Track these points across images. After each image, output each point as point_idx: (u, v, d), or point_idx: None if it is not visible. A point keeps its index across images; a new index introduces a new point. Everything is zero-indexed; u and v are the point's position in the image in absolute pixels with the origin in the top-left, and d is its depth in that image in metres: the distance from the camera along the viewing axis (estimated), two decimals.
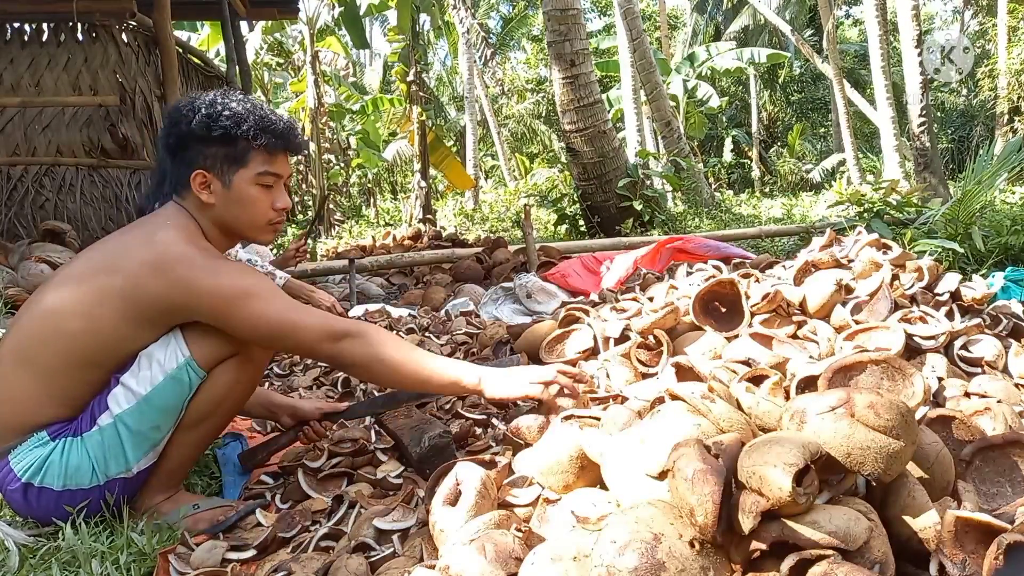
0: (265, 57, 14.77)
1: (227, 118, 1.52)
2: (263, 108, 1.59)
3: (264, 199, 1.60)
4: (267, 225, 1.63)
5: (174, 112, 1.57)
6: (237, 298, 1.47)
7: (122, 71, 5.23)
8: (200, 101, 1.55)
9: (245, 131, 1.53)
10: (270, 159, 1.59)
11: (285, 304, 1.51)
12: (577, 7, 8.24)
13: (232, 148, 1.55)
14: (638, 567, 0.87)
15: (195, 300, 1.46)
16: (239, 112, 1.54)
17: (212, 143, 1.54)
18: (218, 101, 1.55)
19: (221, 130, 1.52)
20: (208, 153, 1.54)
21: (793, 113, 23.80)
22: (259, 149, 1.56)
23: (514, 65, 26.42)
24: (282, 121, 1.60)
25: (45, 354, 1.46)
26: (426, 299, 4.50)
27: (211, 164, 1.55)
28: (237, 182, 1.56)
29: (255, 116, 1.55)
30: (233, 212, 1.59)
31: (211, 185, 1.56)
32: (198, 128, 1.52)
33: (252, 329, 1.49)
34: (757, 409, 1.25)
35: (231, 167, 1.56)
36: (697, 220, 9.51)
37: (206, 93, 1.59)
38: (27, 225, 5.06)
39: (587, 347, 2.16)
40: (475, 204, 15.95)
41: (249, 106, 1.56)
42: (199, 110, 1.53)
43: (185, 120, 1.53)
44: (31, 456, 1.46)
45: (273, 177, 1.60)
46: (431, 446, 1.70)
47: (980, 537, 0.97)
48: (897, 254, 2.29)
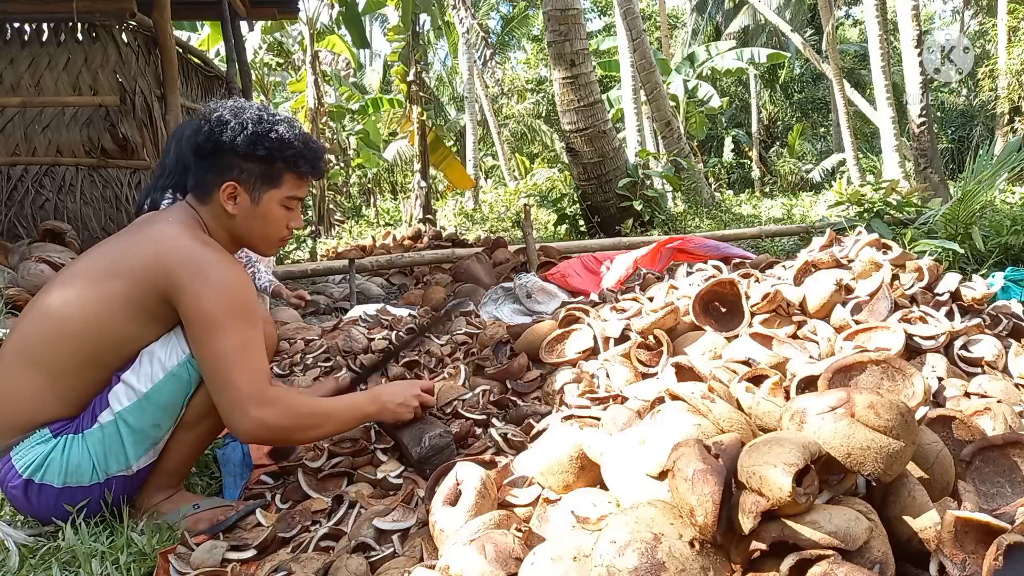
0: (265, 57, 14.77)
1: (273, 140, 1.55)
2: (304, 134, 1.63)
3: (283, 219, 1.64)
4: (277, 241, 1.68)
5: (215, 119, 1.55)
6: (204, 320, 1.45)
7: (122, 71, 5.23)
8: (247, 115, 1.55)
9: (287, 156, 1.57)
10: (300, 184, 1.64)
11: (238, 345, 1.46)
12: (577, 7, 8.24)
13: (269, 168, 1.58)
14: (638, 567, 0.87)
15: (175, 294, 1.46)
16: (286, 138, 1.56)
17: (252, 160, 1.55)
18: (265, 119, 1.56)
19: (265, 151, 1.54)
20: (245, 168, 1.56)
21: (793, 113, 23.81)
22: (294, 174, 1.61)
23: (514, 65, 26.44)
24: (320, 149, 1.65)
25: (49, 353, 1.47)
26: (426, 299, 4.50)
27: (244, 178, 1.57)
28: (265, 200, 1.60)
29: (299, 142, 1.59)
30: (252, 227, 1.62)
31: (239, 198, 1.58)
32: (243, 143, 1.53)
33: (195, 350, 1.48)
34: (757, 409, 1.25)
35: (263, 185, 1.58)
36: (697, 220, 9.52)
37: (251, 106, 1.59)
38: (27, 225, 5.06)
39: (587, 347, 2.16)
40: (475, 204, 15.96)
41: (295, 131, 1.59)
42: (246, 126, 1.53)
43: (230, 131, 1.53)
44: (32, 453, 1.46)
45: (297, 200, 1.65)
46: (431, 446, 1.70)
47: (980, 537, 0.97)
48: (897, 254, 2.29)
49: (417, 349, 2.77)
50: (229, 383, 1.44)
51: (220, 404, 1.48)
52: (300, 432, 1.56)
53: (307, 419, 1.54)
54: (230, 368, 1.44)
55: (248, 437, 1.53)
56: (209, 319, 1.44)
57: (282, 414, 1.48)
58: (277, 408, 1.47)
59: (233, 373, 1.44)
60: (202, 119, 1.57)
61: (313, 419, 1.55)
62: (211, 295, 1.45)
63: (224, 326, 1.45)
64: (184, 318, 1.48)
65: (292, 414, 1.50)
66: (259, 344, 1.50)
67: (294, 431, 1.54)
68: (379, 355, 2.18)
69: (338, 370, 2.65)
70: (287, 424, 1.49)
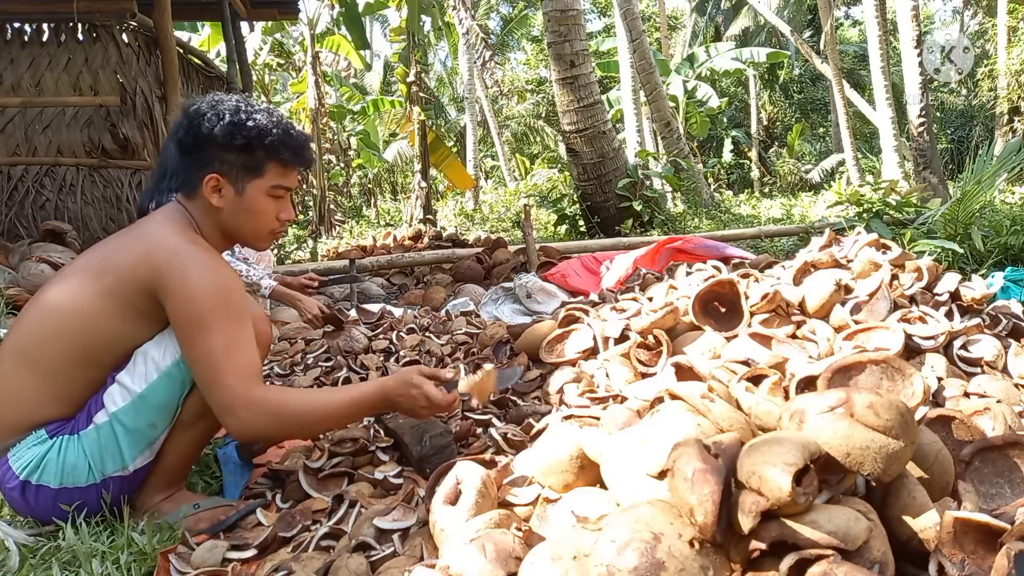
0: (265, 57, 14.76)
1: (251, 129, 1.53)
2: (285, 122, 1.60)
3: (272, 210, 1.62)
4: (269, 234, 1.65)
5: (194, 113, 1.54)
6: (190, 320, 1.43)
7: (122, 71, 5.23)
8: (224, 106, 1.54)
9: (267, 144, 1.55)
10: (285, 173, 1.61)
11: (224, 345, 1.44)
12: (577, 8, 8.25)
13: (250, 158, 1.55)
14: (638, 566, 0.88)
15: (161, 293, 1.45)
16: (264, 125, 1.54)
17: (232, 150, 1.53)
18: (243, 109, 1.54)
19: (243, 140, 1.52)
20: (226, 159, 1.54)
21: (793, 114, 23.80)
22: (276, 162, 1.58)
23: (514, 66, 26.43)
24: (301, 137, 1.62)
25: (46, 353, 1.47)
26: (426, 299, 4.51)
27: (226, 170, 1.55)
28: (250, 191, 1.57)
29: (278, 130, 1.56)
30: (240, 219, 1.60)
31: (222, 190, 1.56)
32: (220, 134, 1.51)
33: (183, 350, 1.47)
34: (757, 409, 1.25)
35: (246, 175, 1.56)
36: (697, 220, 9.52)
37: (229, 97, 1.58)
38: (27, 225, 5.07)
39: (587, 347, 2.16)
40: (475, 204, 15.95)
41: (274, 119, 1.57)
42: (223, 116, 1.52)
43: (207, 123, 1.52)
44: (29, 454, 1.46)
45: (284, 190, 1.62)
46: (432, 445, 1.71)
47: (979, 537, 0.98)
48: (896, 254, 2.29)
49: (418, 349, 2.77)
50: (217, 384, 1.42)
51: (211, 405, 1.46)
52: (295, 429, 1.54)
53: (300, 416, 1.49)
54: (216, 369, 1.42)
55: (241, 437, 1.52)
56: (194, 319, 1.43)
57: (271, 414, 1.44)
58: (265, 408, 1.44)
59: (220, 374, 1.42)
60: (181, 115, 1.57)
61: (307, 416, 1.50)
62: (195, 294, 1.43)
63: (210, 326, 1.43)
64: (171, 317, 1.46)
65: (281, 413, 1.46)
66: (247, 342, 1.47)
67: (287, 429, 1.52)
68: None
69: (339, 369, 2.66)
70: (277, 423, 1.46)
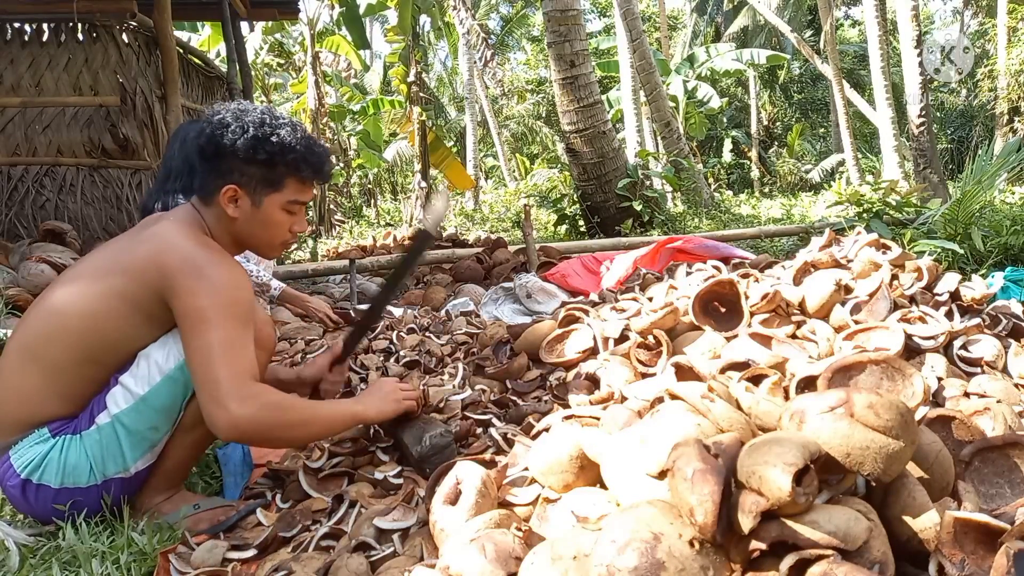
0: (265, 58, 14.76)
1: (274, 144, 1.52)
2: (308, 138, 1.60)
3: (286, 223, 1.62)
4: (280, 245, 1.65)
5: (218, 123, 1.53)
6: (194, 314, 1.42)
7: (122, 71, 5.23)
8: (249, 119, 1.52)
9: (289, 160, 1.54)
10: (303, 189, 1.61)
11: (224, 340, 1.42)
12: (577, 8, 8.24)
13: (271, 172, 1.55)
14: (638, 566, 0.88)
15: (170, 293, 1.44)
16: (288, 141, 1.53)
17: (253, 163, 1.53)
18: (267, 123, 1.53)
19: (266, 155, 1.52)
20: (246, 171, 1.53)
21: (792, 114, 23.80)
22: (296, 178, 1.58)
23: (514, 66, 26.44)
24: (324, 153, 1.62)
25: (51, 351, 1.47)
26: (426, 299, 4.50)
27: (245, 182, 1.54)
28: (267, 204, 1.57)
29: (301, 147, 1.56)
30: (254, 230, 1.59)
31: (239, 201, 1.55)
32: (243, 147, 1.50)
33: (183, 344, 1.45)
34: (757, 409, 1.25)
35: (265, 189, 1.56)
36: (697, 220, 9.52)
37: (255, 108, 1.56)
38: (27, 225, 5.06)
39: (587, 347, 2.16)
40: (475, 204, 15.96)
41: (298, 135, 1.56)
42: (247, 129, 1.51)
43: (231, 135, 1.50)
44: (31, 452, 1.47)
45: (300, 204, 1.62)
46: (432, 445, 1.70)
47: (979, 537, 0.98)
48: (896, 254, 2.29)
49: (418, 349, 2.77)
50: (209, 377, 1.39)
51: (200, 400, 1.41)
52: (282, 431, 1.46)
53: (289, 417, 1.46)
54: (212, 361, 1.39)
55: (227, 434, 1.41)
56: (199, 313, 1.42)
57: (261, 411, 1.40)
58: (256, 404, 1.39)
59: (215, 367, 1.39)
60: (205, 121, 1.56)
61: (296, 418, 1.47)
62: (204, 292, 1.43)
63: (213, 321, 1.41)
64: (176, 314, 1.45)
65: (272, 412, 1.42)
66: (247, 345, 1.46)
67: (275, 430, 1.44)
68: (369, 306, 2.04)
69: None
70: (267, 422, 1.41)
